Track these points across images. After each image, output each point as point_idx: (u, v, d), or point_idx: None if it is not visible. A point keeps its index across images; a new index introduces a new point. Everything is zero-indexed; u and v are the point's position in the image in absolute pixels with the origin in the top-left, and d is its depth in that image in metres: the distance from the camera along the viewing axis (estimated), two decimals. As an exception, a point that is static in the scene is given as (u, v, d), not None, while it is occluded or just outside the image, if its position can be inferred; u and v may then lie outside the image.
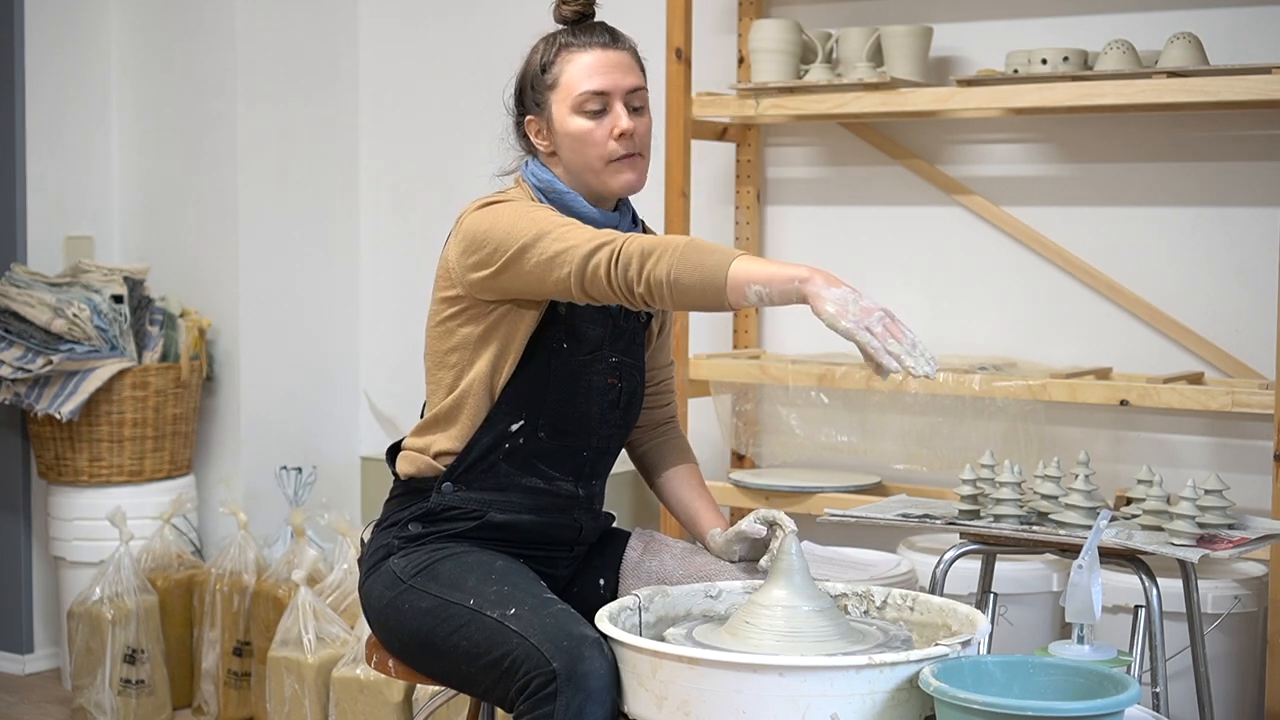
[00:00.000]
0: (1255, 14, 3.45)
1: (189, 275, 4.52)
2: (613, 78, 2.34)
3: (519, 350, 2.34)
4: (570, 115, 2.34)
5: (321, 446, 4.65)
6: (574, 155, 2.36)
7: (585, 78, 2.34)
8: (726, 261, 2.07)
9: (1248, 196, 3.49)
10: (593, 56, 2.35)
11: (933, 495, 3.32)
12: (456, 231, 2.34)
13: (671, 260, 2.10)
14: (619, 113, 2.34)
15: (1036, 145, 3.73)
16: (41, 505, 4.42)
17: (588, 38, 2.37)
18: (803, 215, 4.02)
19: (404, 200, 4.67)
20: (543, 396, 2.34)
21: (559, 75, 2.35)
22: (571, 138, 2.34)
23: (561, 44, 2.37)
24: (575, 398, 2.37)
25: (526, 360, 2.34)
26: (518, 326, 2.33)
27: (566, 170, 2.38)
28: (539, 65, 2.38)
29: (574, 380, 2.36)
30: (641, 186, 2.39)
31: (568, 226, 2.22)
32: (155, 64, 4.57)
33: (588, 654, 2.07)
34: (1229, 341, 3.50)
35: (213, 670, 4.11)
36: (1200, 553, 2.48)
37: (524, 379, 2.34)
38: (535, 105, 2.39)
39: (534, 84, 2.38)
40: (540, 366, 2.34)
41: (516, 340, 2.34)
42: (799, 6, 3.98)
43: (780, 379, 3.66)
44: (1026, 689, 1.97)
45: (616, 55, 2.36)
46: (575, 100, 2.34)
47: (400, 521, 2.38)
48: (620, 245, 2.15)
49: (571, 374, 2.35)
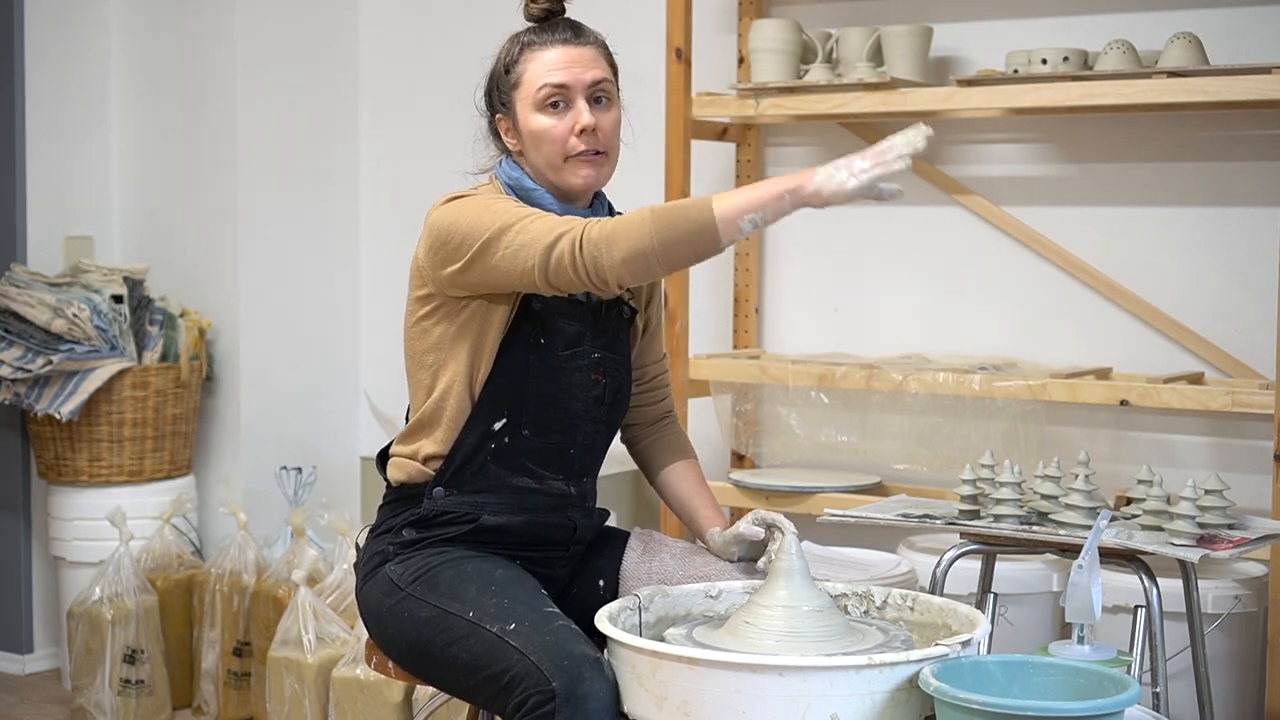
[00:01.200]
0: (1255, 14, 3.45)
1: (189, 275, 4.52)
2: (573, 72, 2.34)
3: (494, 347, 2.33)
4: (533, 113, 2.35)
5: (321, 446, 4.65)
6: (536, 153, 2.36)
7: (545, 74, 2.34)
8: (706, 205, 2.09)
9: (1248, 196, 3.49)
10: (554, 53, 2.35)
11: (933, 495, 3.32)
12: (424, 229, 2.34)
13: (647, 229, 2.11)
14: (580, 108, 2.34)
15: (1036, 145, 3.73)
16: (41, 505, 4.42)
17: (549, 35, 2.37)
18: (803, 215, 4.00)
19: (404, 200, 4.67)
20: (522, 394, 2.33)
21: (521, 74, 2.36)
22: (533, 135, 2.35)
23: (524, 42, 2.38)
24: (557, 395, 2.36)
25: (503, 357, 2.33)
26: (490, 323, 2.33)
27: (533, 167, 2.39)
28: (504, 65, 2.40)
29: (554, 377, 2.35)
30: (603, 182, 2.39)
31: (531, 218, 2.22)
32: (155, 64, 4.57)
33: (588, 675, 2.06)
34: (1229, 341, 3.50)
35: (213, 670, 4.11)
36: (1200, 553, 2.48)
37: (502, 377, 2.33)
38: (501, 105, 2.41)
39: (499, 84, 2.40)
40: (518, 363, 2.33)
41: (490, 337, 2.33)
42: (799, 6, 3.98)
43: (780, 379, 3.66)
44: (1026, 689, 1.97)
45: (578, 51, 2.36)
46: (536, 98, 2.34)
47: (395, 528, 2.38)
48: (581, 233, 2.15)
49: (551, 370, 2.34)
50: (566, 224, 2.18)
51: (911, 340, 3.86)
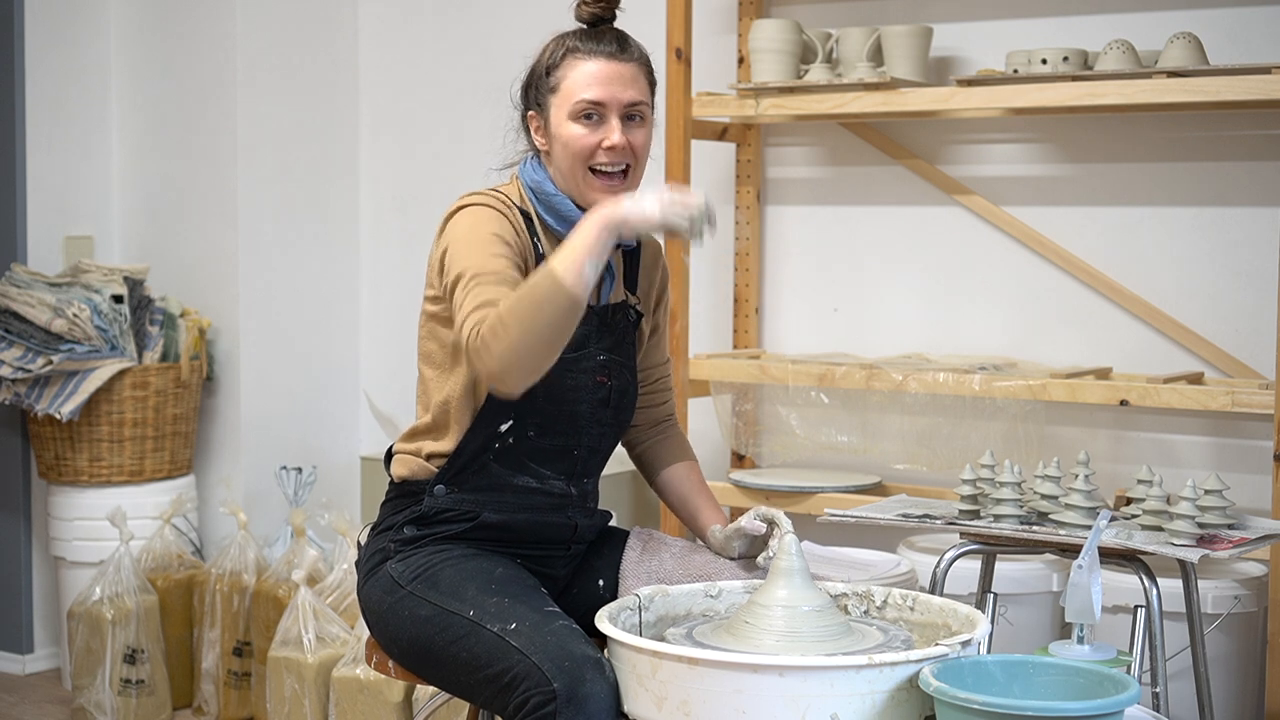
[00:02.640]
0: (1255, 14, 3.45)
1: (189, 275, 4.52)
2: (611, 90, 2.34)
3: None
4: (566, 121, 2.35)
5: (321, 446, 4.65)
6: (563, 160, 2.37)
7: (584, 87, 2.34)
8: (548, 272, 2.11)
9: (1248, 196, 3.49)
10: (596, 66, 2.35)
11: (933, 495, 3.32)
12: (440, 236, 2.35)
13: (509, 330, 2.10)
14: (613, 125, 2.34)
15: (1036, 145, 3.73)
16: (41, 505, 4.42)
17: (595, 44, 2.36)
18: (803, 215, 4.02)
19: (404, 200, 4.67)
20: (530, 395, 2.33)
21: (561, 80, 2.36)
22: (562, 143, 2.35)
23: (569, 48, 2.37)
24: (563, 396, 2.36)
25: None
26: None
27: (558, 173, 2.39)
28: (545, 66, 2.39)
29: (561, 379, 2.34)
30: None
31: (476, 280, 2.21)
32: (155, 64, 4.57)
33: (589, 676, 2.07)
34: (1229, 341, 3.50)
35: (213, 670, 4.11)
36: (1200, 553, 2.48)
37: None
38: (537, 104, 2.41)
39: (538, 83, 2.40)
40: None
41: None
42: (799, 6, 3.98)
43: (780, 379, 3.66)
44: (1026, 689, 1.97)
45: (621, 67, 2.35)
46: (572, 108, 2.34)
47: (395, 525, 2.38)
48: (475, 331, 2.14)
49: (557, 373, 2.34)
50: (481, 312, 2.16)
51: (911, 340, 3.86)
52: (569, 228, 2.34)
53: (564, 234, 2.36)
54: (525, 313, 2.11)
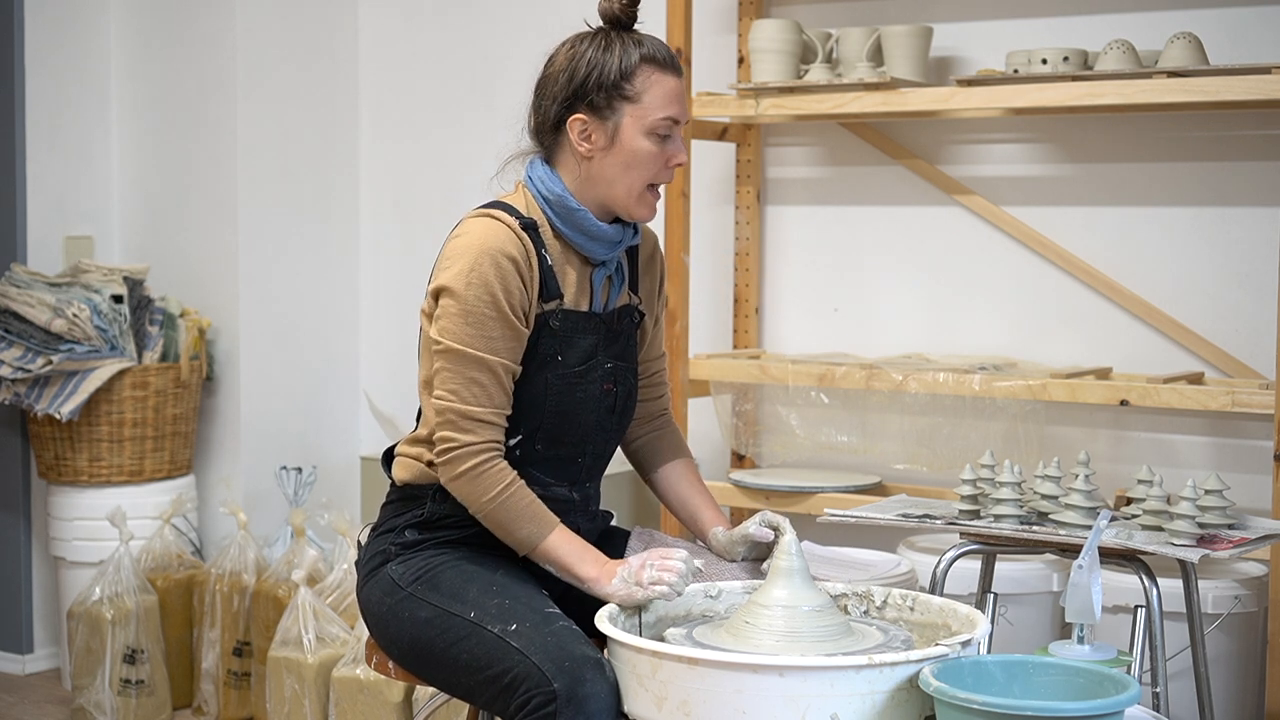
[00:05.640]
0: (1255, 14, 3.45)
1: (189, 275, 4.52)
2: (683, 108, 2.33)
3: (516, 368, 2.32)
4: (641, 135, 2.29)
5: (321, 446, 4.65)
6: (620, 172, 2.30)
7: (668, 103, 2.30)
8: (534, 539, 2.26)
9: (1248, 196, 3.49)
10: (675, 84, 2.31)
11: (933, 495, 3.32)
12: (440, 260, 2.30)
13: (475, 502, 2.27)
14: (679, 144, 2.33)
15: (1036, 145, 3.73)
16: (41, 505, 4.42)
17: (666, 58, 2.32)
18: (803, 215, 4.02)
19: (404, 200, 4.67)
20: (540, 412, 2.32)
21: (643, 92, 2.28)
22: (633, 154, 2.29)
23: (644, 56, 2.30)
24: (573, 409, 2.34)
25: (523, 376, 2.31)
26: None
27: (589, 182, 2.32)
28: (617, 70, 2.28)
29: (570, 392, 2.33)
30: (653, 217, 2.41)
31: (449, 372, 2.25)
32: (155, 64, 4.57)
33: (589, 676, 2.07)
34: (1229, 341, 3.50)
35: (213, 670, 4.11)
36: (1200, 553, 2.48)
37: (520, 395, 2.31)
38: (596, 108, 2.30)
39: (606, 87, 2.29)
40: (536, 382, 2.31)
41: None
42: (799, 6, 3.98)
43: (780, 379, 3.66)
44: (1026, 689, 1.97)
45: (681, 86, 2.35)
46: (653, 122, 2.29)
47: (397, 528, 2.37)
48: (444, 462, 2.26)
49: (567, 386, 2.33)
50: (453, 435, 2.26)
51: (911, 340, 3.86)
52: (588, 241, 2.33)
53: (580, 245, 2.34)
54: (494, 522, 2.27)
